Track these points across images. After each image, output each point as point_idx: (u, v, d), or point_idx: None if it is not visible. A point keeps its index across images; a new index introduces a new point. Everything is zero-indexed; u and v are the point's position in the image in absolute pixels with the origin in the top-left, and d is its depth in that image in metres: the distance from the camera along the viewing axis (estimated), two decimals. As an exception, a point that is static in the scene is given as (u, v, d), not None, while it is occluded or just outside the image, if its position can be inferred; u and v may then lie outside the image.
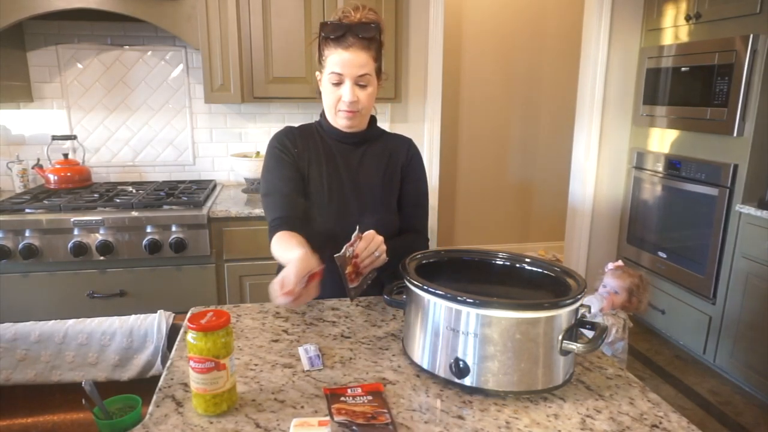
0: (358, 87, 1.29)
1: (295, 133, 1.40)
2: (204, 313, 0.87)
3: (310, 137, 1.40)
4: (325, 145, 1.40)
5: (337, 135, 1.40)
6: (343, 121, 1.35)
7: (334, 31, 1.26)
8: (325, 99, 1.34)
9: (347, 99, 1.29)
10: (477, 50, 4.20)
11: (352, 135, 1.40)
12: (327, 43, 1.28)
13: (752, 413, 2.47)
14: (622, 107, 3.28)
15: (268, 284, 1.04)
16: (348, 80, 1.28)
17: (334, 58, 1.27)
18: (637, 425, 0.86)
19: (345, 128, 1.38)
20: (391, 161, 1.44)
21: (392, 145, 1.46)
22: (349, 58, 1.26)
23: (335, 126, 1.38)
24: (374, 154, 1.42)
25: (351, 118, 1.33)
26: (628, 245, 3.34)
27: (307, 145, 1.39)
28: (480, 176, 4.42)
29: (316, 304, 1.33)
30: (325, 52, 1.30)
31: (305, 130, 1.42)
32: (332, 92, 1.31)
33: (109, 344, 1.33)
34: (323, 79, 1.33)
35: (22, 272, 2.14)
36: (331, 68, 1.28)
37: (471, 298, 0.90)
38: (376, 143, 1.44)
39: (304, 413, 0.88)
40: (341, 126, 1.37)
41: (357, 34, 1.26)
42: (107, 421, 1.09)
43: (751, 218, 2.49)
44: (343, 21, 1.28)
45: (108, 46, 2.65)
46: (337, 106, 1.32)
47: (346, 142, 1.40)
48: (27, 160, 2.64)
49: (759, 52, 2.41)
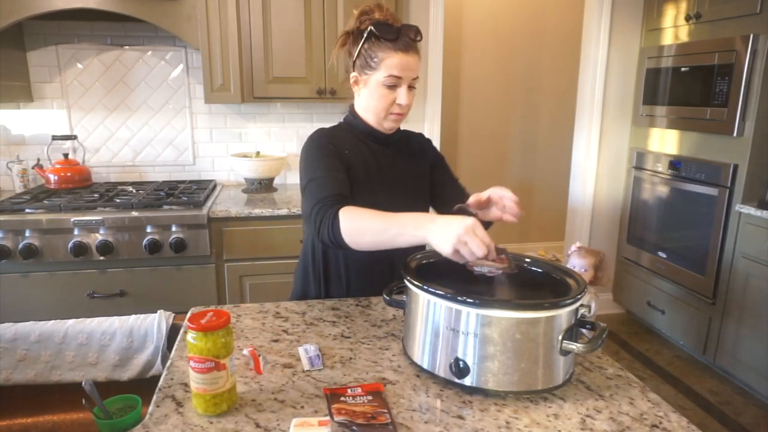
0: (408, 90, 1.28)
1: (335, 135, 1.34)
2: (204, 313, 0.87)
3: (349, 139, 1.35)
4: (365, 146, 1.36)
5: (374, 136, 1.36)
6: (391, 124, 1.33)
7: (390, 33, 1.23)
8: (376, 102, 1.29)
9: (404, 102, 1.27)
10: (477, 50, 4.20)
11: (387, 136, 1.37)
12: (380, 44, 1.24)
13: (752, 413, 2.47)
14: (622, 107, 3.28)
15: (268, 284, 1.04)
16: (404, 84, 1.26)
17: (392, 61, 1.23)
18: (637, 425, 0.86)
19: (389, 130, 1.35)
20: (417, 160, 1.43)
21: (415, 142, 1.46)
22: (409, 61, 1.24)
23: (377, 128, 1.35)
24: (404, 153, 1.42)
25: (399, 120, 1.32)
26: (628, 245, 3.34)
27: (350, 146, 1.34)
28: (480, 176, 4.41)
29: (317, 304, 1.33)
30: (378, 54, 1.24)
31: (340, 132, 1.37)
32: (385, 95, 1.27)
33: (109, 344, 1.33)
34: (371, 81, 1.28)
35: (22, 272, 2.14)
36: (389, 71, 1.24)
37: (471, 298, 0.90)
38: (402, 142, 1.43)
39: (304, 413, 0.88)
40: (387, 129, 1.35)
41: (411, 37, 1.25)
42: (107, 421, 1.09)
43: (751, 218, 2.49)
44: (389, 22, 1.25)
45: (108, 46, 2.65)
46: (389, 109, 1.29)
47: (380, 142, 1.37)
48: (27, 160, 2.64)
49: (759, 52, 2.41)
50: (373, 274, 1.36)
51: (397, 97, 1.27)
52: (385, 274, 1.34)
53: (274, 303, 1.33)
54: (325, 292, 1.40)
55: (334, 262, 1.37)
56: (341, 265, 1.37)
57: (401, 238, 1.03)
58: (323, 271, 1.38)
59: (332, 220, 1.11)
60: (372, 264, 1.34)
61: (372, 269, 1.36)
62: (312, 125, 2.86)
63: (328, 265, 1.38)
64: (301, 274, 1.45)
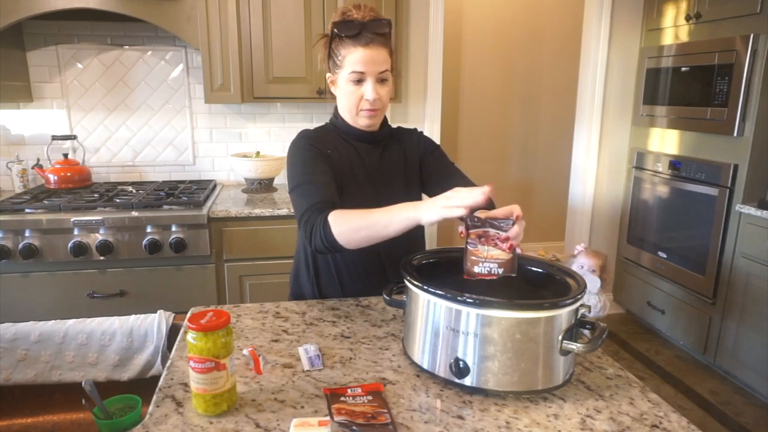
0: (379, 84, 1.27)
1: (317, 136, 1.35)
2: (204, 313, 0.87)
3: (331, 140, 1.36)
4: (348, 147, 1.36)
5: (357, 135, 1.36)
6: (364, 121, 1.32)
7: (350, 29, 1.23)
8: (345, 100, 1.30)
9: (370, 97, 1.25)
10: (477, 50, 4.20)
11: (370, 134, 1.37)
12: (343, 42, 1.24)
13: (752, 413, 2.47)
14: (622, 107, 3.28)
15: (268, 284, 1.04)
16: (369, 78, 1.25)
17: (354, 56, 1.23)
18: (637, 425, 0.86)
19: (366, 127, 1.34)
20: (407, 156, 1.42)
21: (404, 139, 1.45)
22: (370, 55, 1.23)
23: (355, 126, 1.35)
24: (392, 151, 1.41)
25: (373, 116, 1.30)
26: (628, 245, 3.34)
27: (332, 147, 1.34)
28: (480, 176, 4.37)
29: (317, 304, 1.33)
30: (341, 51, 1.25)
31: (324, 134, 1.37)
32: (353, 92, 1.27)
33: (109, 344, 1.33)
34: (339, 80, 1.28)
35: (22, 272, 2.14)
36: (352, 67, 1.24)
37: (471, 298, 0.90)
38: (391, 140, 1.42)
39: (304, 413, 0.88)
40: (362, 126, 1.34)
41: (374, 31, 1.23)
42: (107, 421, 1.09)
43: (751, 218, 2.49)
44: (351, 18, 1.24)
45: (108, 46, 2.65)
46: (359, 105, 1.28)
47: (365, 141, 1.37)
48: (27, 160, 2.64)
49: (759, 52, 2.41)
50: (363, 269, 1.37)
51: (364, 93, 1.26)
52: (376, 264, 1.36)
53: (274, 303, 1.33)
54: (319, 293, 1.41)
55: (324, 263, 1.38)
56: (331, 264, 1.38)
57: (393, 226, 1.08)
58: (315, 271, 1.39)
59: (323, 227, 1.13)
60: (362, 258, 1.34)
61: (362, 263, 1.37)
62: (312, 125, 2.81)
63: (318, 267, 1.39)
64: (294, 277, 1.47)
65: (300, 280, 1.44)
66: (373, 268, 1.37)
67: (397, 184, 1.39)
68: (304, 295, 1.43)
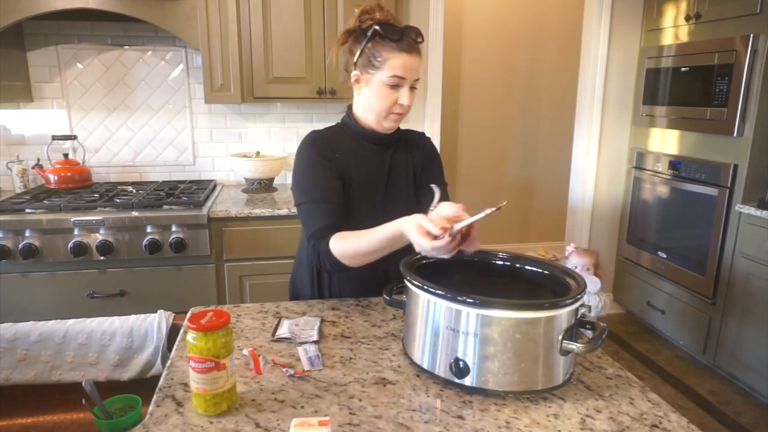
0: (410, 91, 1.28)
1: (327, 137, 1.35)
2: (204, 313, 0.87)
3: (343, 140, 1.35)
4: (359, 147, 1.36)
5: (369, 137, 1.36)
6: (391, 124, 1.32)
7: (394, 33, 1.23)
8: (377, 101, 1.29)
9: (406, 103, 1.27)
10: (477, 50, 4.20)
11: (384, 136, 1.37)
12: (384, 43, 1.24)
13: (752, 413, 2.47)
14: (622, 107, 3.28)
15: (268, 284, 1.04)
16: (407, 84, 1.26)
17: (396, 61, 1.23)
18: (637, 425, 0.86)
19: (388, 130, 1.35)
20: (413, 159, 1.43)
21: (413, 142, 1.45)
22: (412, 62, 1.24)
23: (375, 127, 1.34)
24: (401, 152, 1.41)
25: (399, 120, 1.32)
26: (628, 245, 3.34)
27: (344, 148, 1.34)
28: (480, 176, 4.41)
29: (317, 304, 1.33)
30: (382, 53, 1.24)
31: (336, 134, 1.37)
32: (387, 95, 1.27)
33: (109, 344, 1.33)
34: (374, 81, 1.27)
35: (22, 272, 2.14)
36: (393, 71, 1.23)
37: (471, 298, 0.90)
38: (400, 142, 1.43)
39: (304, 413, 0.88)
40: (387, 128, 1.34)
41: (414, 38, 1.25)
42: (107, 421, 1.09)
43: (751, 218, 2.49)
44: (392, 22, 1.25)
45: (108, 46, 2.65)
46: (391, 109, 1.29)
47: (377, 143, 1.37)
48: (27, 160, 2.64)
49: (759, 52, 2.41)
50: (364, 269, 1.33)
51: (399, 98, 1.27)
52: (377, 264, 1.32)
53: (274, 303, 1.33)
54: (319, 293, 1.41)
55: None
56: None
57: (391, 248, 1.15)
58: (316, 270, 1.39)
59: (328, 255, 1.21)
60: None
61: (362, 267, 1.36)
62: (312, 125, 2.86)
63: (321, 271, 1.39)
64: (295, 276, 1.47)
65: (301, 279, 1.44)
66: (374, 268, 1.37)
67: (404, 184, 1.40)
68: (304, 294, 1.43)
